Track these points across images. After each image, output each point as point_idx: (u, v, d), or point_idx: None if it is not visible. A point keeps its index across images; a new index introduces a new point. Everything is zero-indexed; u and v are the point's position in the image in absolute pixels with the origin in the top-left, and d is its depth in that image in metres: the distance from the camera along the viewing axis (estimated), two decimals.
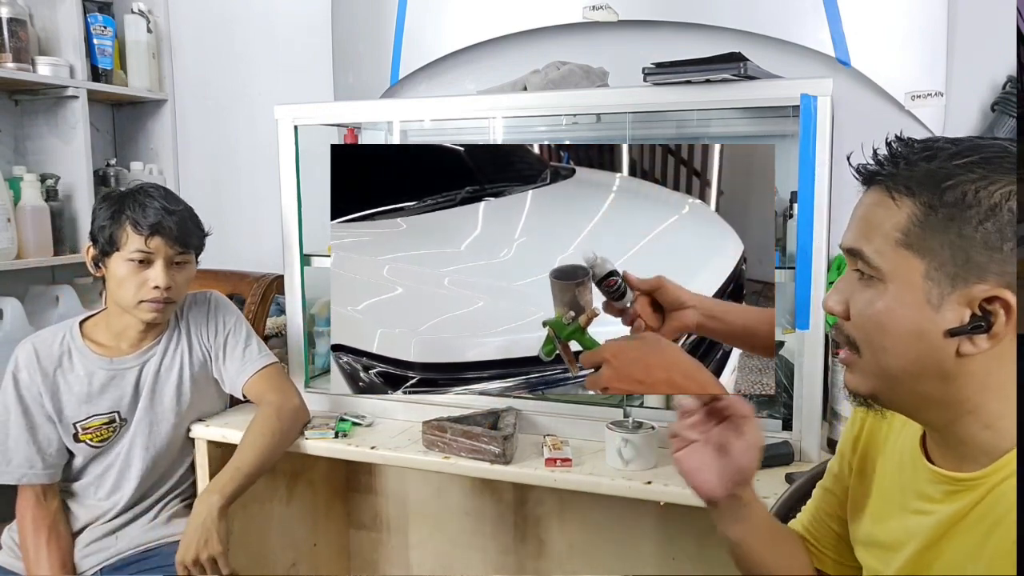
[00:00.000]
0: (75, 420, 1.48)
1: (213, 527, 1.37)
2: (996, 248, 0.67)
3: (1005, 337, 0.68)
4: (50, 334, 1.52)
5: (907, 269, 0.70)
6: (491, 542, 2.00)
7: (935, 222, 0.68)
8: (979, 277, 0.67)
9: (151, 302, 1.44)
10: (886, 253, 0.71)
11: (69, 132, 2.15)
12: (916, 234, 0.69)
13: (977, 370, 0.69)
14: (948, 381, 0.70)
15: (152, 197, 1.45)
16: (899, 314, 0.71)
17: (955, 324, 0.68)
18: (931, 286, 0.69)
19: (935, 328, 0.69)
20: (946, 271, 0.68)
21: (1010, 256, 0.66)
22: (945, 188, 0.68)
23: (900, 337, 0.71)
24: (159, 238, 1.43)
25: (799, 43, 1.68)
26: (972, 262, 0.67)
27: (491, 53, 1.96)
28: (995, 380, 0.70)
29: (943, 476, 0.74)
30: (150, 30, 2.32)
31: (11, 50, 1.97)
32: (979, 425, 0.71)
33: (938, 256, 0.69)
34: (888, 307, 0.71)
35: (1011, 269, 0.67)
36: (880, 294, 0.72)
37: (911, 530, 0.78)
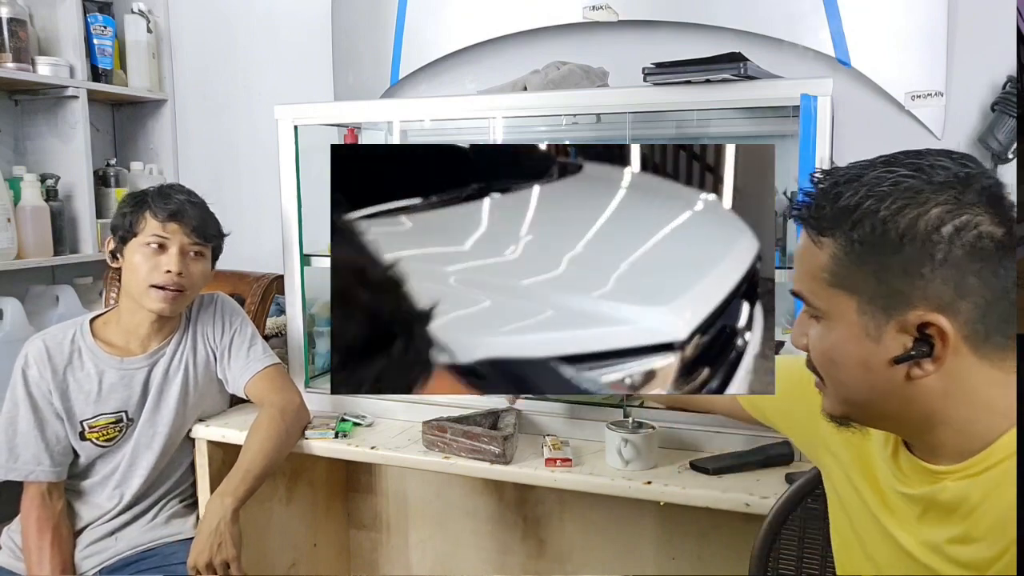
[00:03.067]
0: (83, 418, 1.49)
1: (227, 530, 1.36)
2: (916, 274, 0.68)
3: (948, 358, 0.69)
4: (60, 331, 1.52)
5: (841, 306, 0.72)
6: (491, 542, 2.00)
7: (854, 258, 0.70)
8: (908, 304, 0.69)
9: (161, 288, 1.45)
10: (819, 293, 0.74)
11: (69, 132, 2.15)
12: (841, 273, 0.71)
13: (933, 388, 0.71)
14: (908, 401, 0.72)
15: (176, 190, 1.51)
16: (844, 349, 0.73)
17: (898, 352, 0.70)
18: (867, 320, 0.71)
19: (880, 359, 0.71)
20: (877, 303, 0.70)
21: (932, 279, 0.67)
22: (855, 223, 0.69)
23: (850, 370, 0.74)
24: (176, 224, 1.46)
25: (799, 43, 1.68)
26: (897, 291, 0.69)
27: (491, 53, 1.96)
28: (957, 389, 0.71)
29: (921, 466, 0.76)
30: (150, 30, 2.32)
31: (11, 50, 1.97)
32: (951, 432, 0.72)
33: (866, 290, 0.70)
34: (833, 344, 0.74)
35: (938, 292, 0.68)
36: (826, 331, 0.75)
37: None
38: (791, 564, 1.16)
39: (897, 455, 0.80)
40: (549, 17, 1.86)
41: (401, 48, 2.03)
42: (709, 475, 1.32)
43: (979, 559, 0.70)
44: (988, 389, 0.70)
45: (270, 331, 1.93)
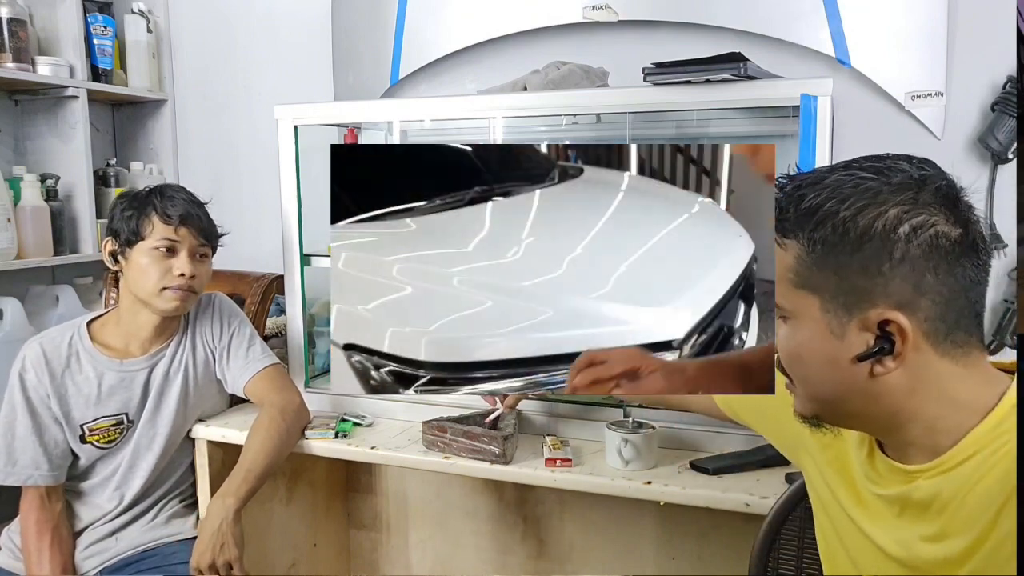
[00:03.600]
0: (82, 422, 1.48)
1: (229, 531, 1.36)
2: (876, 272, 0.70)
3: (911, 353, 0.70)
4: (58, 334, 1.51)
5: (806, 306, 0.74)
6: (491, 542, 2.00)
7: (816, 258, 0.72)
8: (869, 302, 0.71)
9: (175, 289, 1.45)
10: (786, 294, 0.76)
11: (69, 132, 2.15)
12: (804, 273, 0.74)
13: (898, 385, 0.72)
14: (874, 399, 0.74)
15: (178, 191, 1.51)
16: (809, 348, 0.75)
17: (861, 349, 0.72)
18: (830, 318, 0.73)
19: (844, 356, 0.73)
20: (839, 302, 0.72)
21: (892, 276, 0.69)
22: (817, 224, 0.72)
23: (817, 368, 0.76)
24: (186, 228, 1.46)
25: (799, 43, 1.68)
26: (857, 289, 0.71)
27: (491, 53, 1.96)
28: (922, 386, 0.72)
29: (895, 467, 0.77)
30: (150, 30, 2.32)
31: (11, 50, 1.97)
32: (921, 429, 0.74)
33: (828, 289, 0.72)
34: (800, 343, 0.76)
35: (897, 290, 0.69)
36: (792, 331, 0.77)
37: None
38: (791, 564, 1.16)
39: (872, 456, 0.81)
40: (549, 17, 1.86)
41: (401, 48, 2.03)
42: (709, 475, 1.32)
43: (954, 555, 0.71)
44: (952, 384, 0.72)
45: (270, 331, 1.93)
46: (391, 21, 2.03)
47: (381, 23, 2.04)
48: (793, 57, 1.68)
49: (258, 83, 2.29)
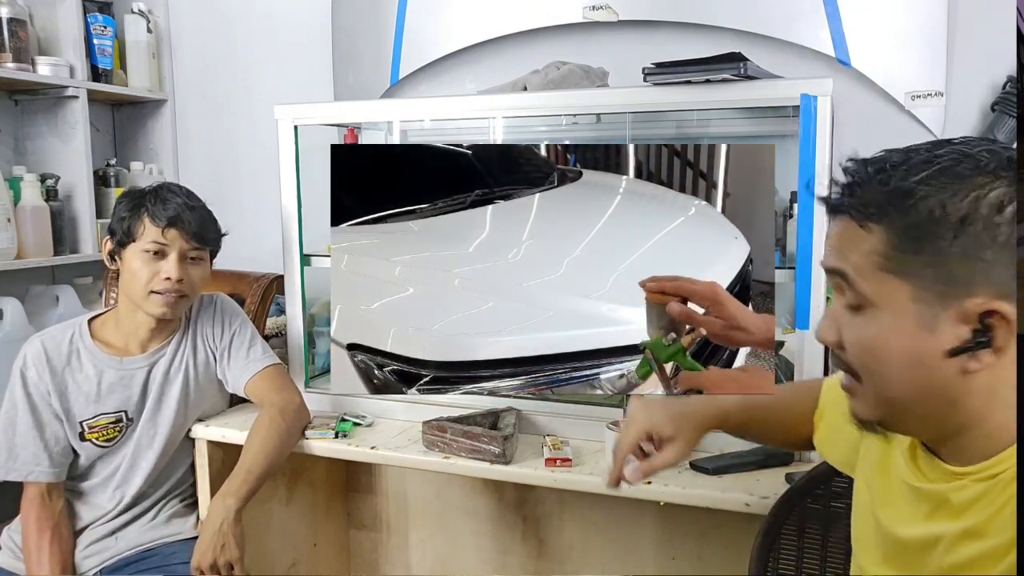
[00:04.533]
0: (82, 419, 1.48)
1: (230, 531, 1.36)
2: (977, 258, 0.64)
3: (1009, 348, 0.65)
4: (59, 332, 1.51)
5: (892, 293, 0.68)
6: (491, 542, 2.00)
7: (908, 243, 0.67)
8: (968, 291, 0.65)
9: (161, 294, 1.44)
10: (868, 276, 0.69)
11: (69, 132, 2.15)
12: (894, 257, 0.67)
13: (982, 386, 0.67)
14: (953, 401, 0.68)
15: (174, 193, 1.48)
16: (893, 341, 0.69)
17: (954, 343, 0.66)
18: (922, 308, 0.67)
19: (934, 351, 0.67)
20: (934, 291, 0.66)
21: (995, 262, 0.64)
22: (909, 207, 0.66)
23: (898, 364, 0.69)
24: (175, 230, 1.44)
25: (799, 43, 1.68)
26: (956, 277, 0.65)
27: (491, 53, 1.96)
28: (1000, 393, 0.68)
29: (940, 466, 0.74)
30: (150, 30, 2.32)
31: (11, 50, 1.97)
32: (981, 436, 0.70)
33: (921, 277, 0.66)
34: (880, 334, 0.69)
35: (1000, 278, 0.64)
36: (869, 321, 0.70)
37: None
38: (791, 564, 1.16)
39: (915, 451, 0.78)
40: (549, 17, 1.87)
41: (401, 48, 2.03)
42: (709, 475, 1.32)
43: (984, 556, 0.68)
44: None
45: (270, 331, 1.93)
46: (391, 21, 2.03)
47: (381, 23, 2.04)
48: (793, 57, 1.68)
49: (258, 83, 2.29)
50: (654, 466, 0.96)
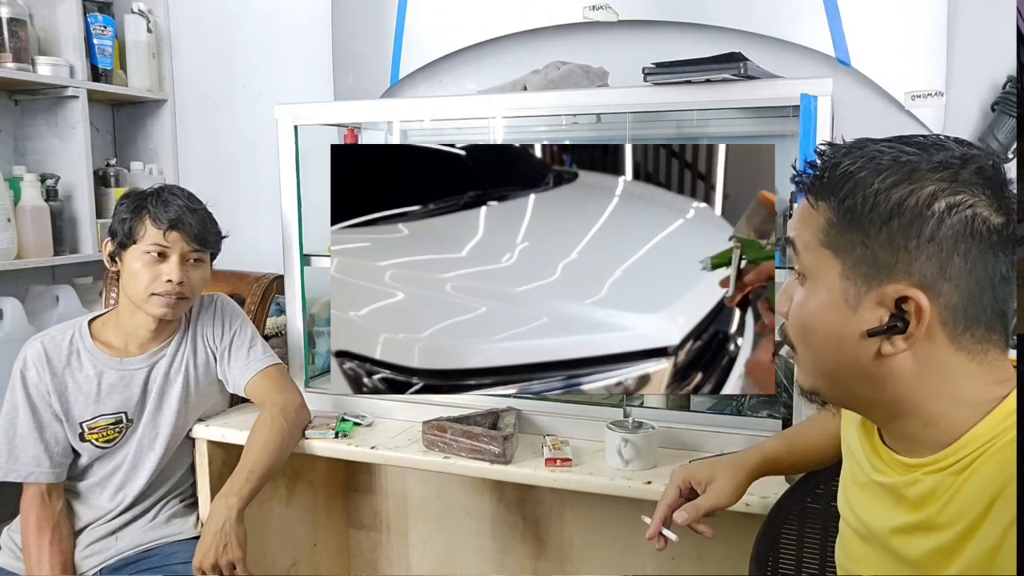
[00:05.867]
0: (82, 420, 1.48)
1: (232, 531, 1.36)
2: (902, 247, 0.68)
3: (923, 339, 0.68)
4: (59, 332, 1.51)
5: (827, 268, 0.73)
6: (491, 542, 2.00)
7: (844, 223, 0.71)
8: (890, 277, 0.68)
9: (162, 295, 1.44)
10: (811, 250, 0.74)
11: (69, 132, 2.15)
12: (832, 235, 0.72)
13: (905, 371, 0.70)
14: (875, 382, 0.72)
15: (175, 195, 1.48)
16: (822, 313, 0.73)
17: (873, 324, 0.70)
18: (848, 285, 0.71)
19: (853, 329, 0.71)
20: (859, 270, 0.70)
21: (919, 253, 0.67)
22: (849, 190, 0.70)
23: (824, 337, 0.74)
24: (177, 233, 1.44)
25: (799, 43, 1.68)
26: (880, 261, 0.69)
27: (491, 53, 1.96)
28: (928, 381, 0.70)
29: (895, 458, 0.76)
30: (150, 30, 2.32)
31: (11, 50, 1.97)
32: (920, 423, 0.72)
33: (850, 256, 0.71)
34: (813, 307, 0.74)
35: (922, 268, 0.67)
36: (808, 294, 0.75)
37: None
38: (791, 564, 1.16)
39: (873, 441, 0.81)
40: (549, 17, 1.86)
41: (401, 48, 2.03)
42: None
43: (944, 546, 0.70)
44: (961, 382, 0.70)
45: (270, 331, 1.94)
46: (391, 21, 2.03)
47: (381, 23, 2.04)
48: (793, 57, 1.68)
49: (258, 83, 2.29)
50: (699, 506, 1.02)
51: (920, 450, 0.73)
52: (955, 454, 0.70)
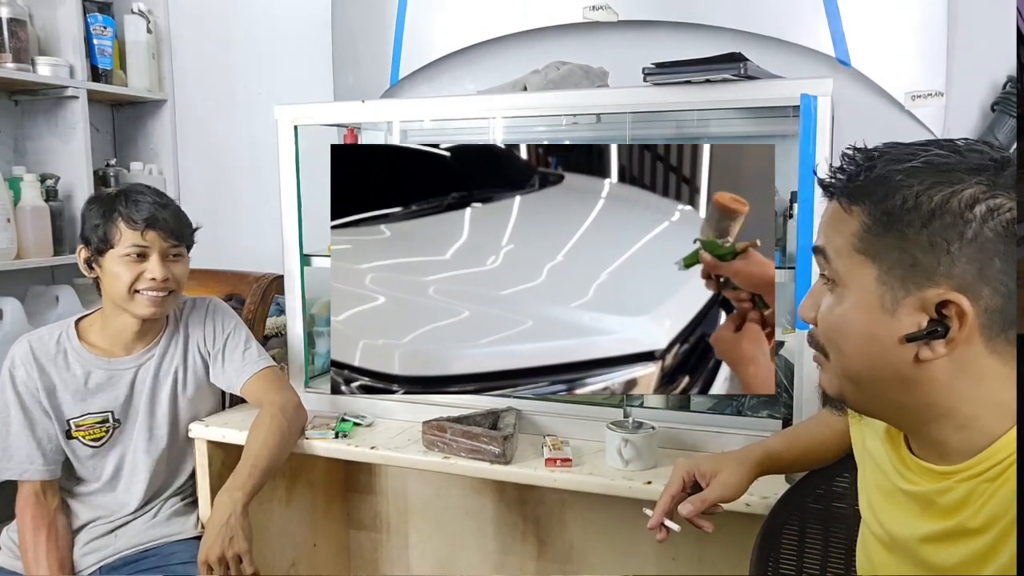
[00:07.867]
0: (69, 417, 1.49)
1: (238, 524, 1.36)
2: (943, 250, 0.66)
3: (962, 343, 0.67)
4: (47, 332, 1.52)
5: (861, 274, 0.71)
6: (491, 542, 2.00)
7: (881, 227, 0.69)
8: (930, 281, 0.67)
9: (150, 294, 1.44)
10: (843, 256, 0.73)
11: (69, 132, 2.15)
12: (867, 239, 0.71)
13: (940, 375, 0.69)
14: (909, 386, 0.71)
15: (143, 194, 1.47)
16: (855, 318, 0.72)
17: (912, 329, 0.69)
18: (884, 290, 0.70)
19: (890, 333, 0.70)
20: (897, 275, 0.69)
21: (959, 256, 0.66)
22: (886, 194, 0.69)
23: (857, 341, 0.72)
24: (154, 232, 1.44)
25: (799, 43, 1.68)
26: (919, 264, 0.67)
27: (491, 53, 1.96)
28: (962, 385, 0.69)
29: (924, 467, 0.75)
30: (150, 30, 2.32)
31: (11, 50, 1.97)
32: (951, 427, 0.71)
33: (887, 260, 0.69)
34: (845, 312, 0.73)
35: (962, 272, 0.66)
36: (839, 299, 0.74)
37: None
38: (791, 564, 1.16)
39: (899, 450, 0.79)
40: (549, 17, 1.86)
41: (401, 48, 2.03)
42: None
43: (976, 554, 0.69)
44: (995, 386, 0.69)
45: (270, 331, 1.93)
46: (391, 21, 2.03)
47: (381, 23, 2.04)
48: (793, 57, 1.68)
49: (258, 83, 2.29)
50: (705, 499, 1.03)
51: (951, 456, 0.72)
52: (989, 459, 0.69)
